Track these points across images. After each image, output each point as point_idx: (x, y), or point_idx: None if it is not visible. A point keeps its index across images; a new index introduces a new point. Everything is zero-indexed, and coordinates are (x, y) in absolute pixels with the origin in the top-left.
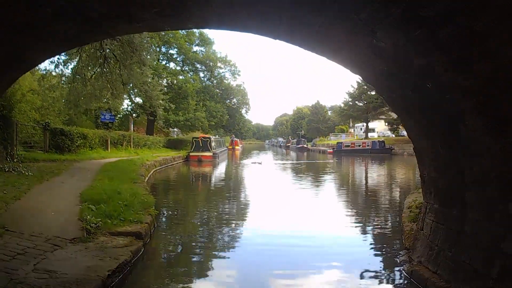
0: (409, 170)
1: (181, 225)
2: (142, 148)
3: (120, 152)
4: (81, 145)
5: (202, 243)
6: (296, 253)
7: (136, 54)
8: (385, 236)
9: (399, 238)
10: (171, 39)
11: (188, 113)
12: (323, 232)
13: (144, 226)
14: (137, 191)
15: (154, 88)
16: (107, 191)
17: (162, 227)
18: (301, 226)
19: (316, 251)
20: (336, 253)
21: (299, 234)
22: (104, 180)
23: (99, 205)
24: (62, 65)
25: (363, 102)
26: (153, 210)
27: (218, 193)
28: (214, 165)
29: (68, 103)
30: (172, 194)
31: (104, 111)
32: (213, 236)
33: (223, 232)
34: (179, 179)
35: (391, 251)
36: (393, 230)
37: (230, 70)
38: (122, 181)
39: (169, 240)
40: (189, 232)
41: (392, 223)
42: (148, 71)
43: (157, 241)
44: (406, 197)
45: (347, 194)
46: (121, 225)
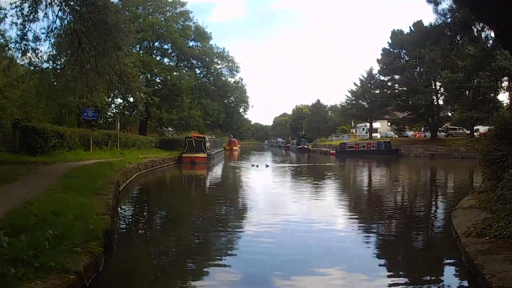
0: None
1: (149, 259)
2: (130, 149)
3: (104, 153)
4: (56, 146)
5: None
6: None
7: (111, 36)
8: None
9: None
10: (164, 33)
11: (182, 111)
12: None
13: (67, 281)
14: (91, 208)
15: (135, 79)
16: (44, 211)
17: (116, 260)
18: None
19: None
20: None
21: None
22: (57, 191)
23: (17, 236)
24: (30, 51)
25: (366, 101)
26: (98, 244)
27: (206, 205)
28: (209, 168)
29: (38, 96)
30: (149, 207)
31: (87, 107)
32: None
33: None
34: (164, 185)
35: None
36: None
37: (228, 66)
38: (81, 192)
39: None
40: (157, 275)
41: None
42: (127, 59)
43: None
44: (452, 213)
45: (369, 210)
46: (30, 277)
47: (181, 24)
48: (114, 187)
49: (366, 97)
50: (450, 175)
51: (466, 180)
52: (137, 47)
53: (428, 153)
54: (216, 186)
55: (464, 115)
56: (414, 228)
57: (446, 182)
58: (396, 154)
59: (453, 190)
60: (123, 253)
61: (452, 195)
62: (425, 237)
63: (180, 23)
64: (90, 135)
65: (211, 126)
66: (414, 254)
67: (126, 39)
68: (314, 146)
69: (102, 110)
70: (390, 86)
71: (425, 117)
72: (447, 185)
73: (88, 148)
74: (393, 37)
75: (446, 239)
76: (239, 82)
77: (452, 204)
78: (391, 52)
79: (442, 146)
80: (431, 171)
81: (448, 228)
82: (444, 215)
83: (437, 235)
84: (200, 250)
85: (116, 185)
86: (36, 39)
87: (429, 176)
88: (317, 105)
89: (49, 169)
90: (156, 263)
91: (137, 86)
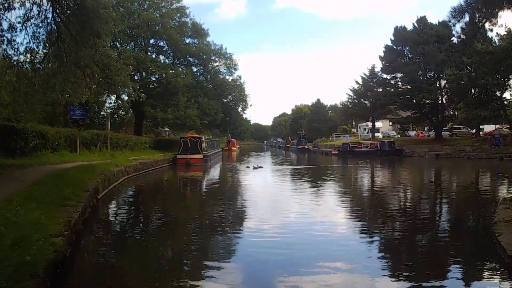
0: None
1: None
2: (122, 150)
3: (92, 155)
4: (38, 147)
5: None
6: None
7: (89, 23)
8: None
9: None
10: (160, 29)
11: (178, 110)
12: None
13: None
14: (44, 227)
15: (119, 72)
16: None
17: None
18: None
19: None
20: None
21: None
22: (13, 203)
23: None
24: (5, 43)
25: (369, 99)
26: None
27: (198, 216)
28: (205, 170)
29: (15, 93)
30: (128, 221)
31: (74, 106)
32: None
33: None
34: (153, 191)
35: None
36: None
37: (226, 64)
38: (44, 204)
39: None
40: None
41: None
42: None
43: None
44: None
45: (388, 219)
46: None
47: (177, 21)
48: (88, 195)
49: (368, 95)
50: (464, 178)
51: (485, 185)
52: (131, 44)
53: (433, 153)
54: (211, 191)
55: (471, 113)
56: (454, 248)
57: (465, 186)
58: (401, 155)
59: (478, 197)
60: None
61: (477, 203)
62: (469, 258)
63: (176, 19)
64: (77, 135)
65: (209, 126)
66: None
67: (106, 27)
68: (314, 146)
69: (91, 109)
70: (393, 84)
71: (429, 116)
72: (467, 190)
73: (75, 149)
74: (396, 34)
75: (493, 260)
76: (237, 80)
77: (484, 215)
78: (394, 49)
79: (447, 146)
80: (442, 173)
81: (491, 245)
82: (481, 228)
83: (483, 258)
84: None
85: (92, 192)
86: (11, 28)
87: (444, 179)
88: (317, 104)
89: (24, 173)
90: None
91: (121, 80)
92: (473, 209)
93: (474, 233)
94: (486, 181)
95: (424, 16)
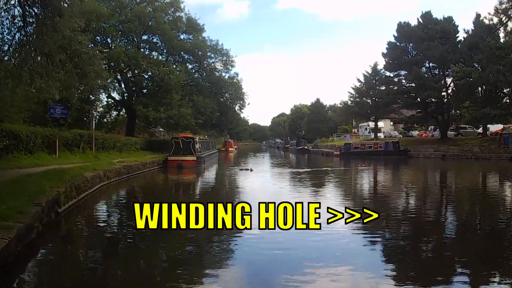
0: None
1: None
2: (109, 151)
3: (74, 157)
4: (9, 148)
5: None
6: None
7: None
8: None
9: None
10: (153, 24)
11: (172, 109)
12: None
13: None
14: None
15: (91, 61)
16: None
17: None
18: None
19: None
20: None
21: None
22: None
23: None
24: None
25: (371, 98)
26: None
27: None
28: (198, 173)
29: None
30: (83, 251)
31: (55, 103)
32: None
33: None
34: (132, 200)
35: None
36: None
37: (222, 60)
38: None
39: None
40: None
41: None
42: (80, 36)
43: None
44: None
45: (413, 229)
46: None
47: (172, 15)
48: (39, 210)
49: (371, 94)
50: (475, 181)
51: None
52: (124, 41)
53: (439, 153)
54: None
55: (480, 112)
56: (460, 254)
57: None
58: (406, 155)
59: (489, 200)
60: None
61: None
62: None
63: (170, 14)
64: (57, 135)
65: (204, 126)
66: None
67: (71, 4)
68: (314, 147)
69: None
70: (397, 82)
71: (435, 115)
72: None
73: (54, 151)
74: (399, 30)
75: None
76: (234, 78)
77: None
78: (397, 46)
79: (454, 146)
80: (452, 175)
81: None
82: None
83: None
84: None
85: (46, 206)
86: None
87: (456, 182)
88: (317, 104)
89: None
90: None
91: (94, 70)
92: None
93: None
94: (497, 184)
95: (429, 11)
